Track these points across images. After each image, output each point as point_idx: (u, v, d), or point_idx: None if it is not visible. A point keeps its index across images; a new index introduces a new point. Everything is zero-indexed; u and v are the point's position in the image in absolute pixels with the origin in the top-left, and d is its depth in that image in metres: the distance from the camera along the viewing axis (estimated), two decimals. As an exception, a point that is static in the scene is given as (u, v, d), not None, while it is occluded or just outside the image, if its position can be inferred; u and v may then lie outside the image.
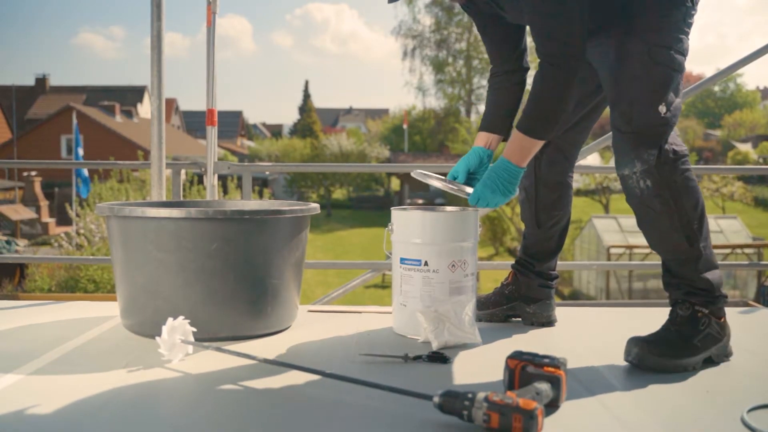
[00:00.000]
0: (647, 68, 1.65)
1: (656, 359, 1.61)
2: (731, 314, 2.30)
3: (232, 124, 47.76)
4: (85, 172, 14.56)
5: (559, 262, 2.13)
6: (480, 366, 1.64)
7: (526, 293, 2.06)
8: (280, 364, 1.53)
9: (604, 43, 1.73)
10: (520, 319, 2.09)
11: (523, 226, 2.10)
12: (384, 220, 1.99)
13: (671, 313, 1.72)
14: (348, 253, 19.69)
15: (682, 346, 1.63)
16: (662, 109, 1.64)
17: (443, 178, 1.87)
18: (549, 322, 2.05)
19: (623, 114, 1.67)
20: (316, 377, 1.48)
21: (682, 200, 1.66)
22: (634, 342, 1.65)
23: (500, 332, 1.97)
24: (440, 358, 1.66)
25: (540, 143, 1.70)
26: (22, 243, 15.99)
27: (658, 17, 1.66)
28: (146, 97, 36.14)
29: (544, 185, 2.00)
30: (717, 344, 1.67)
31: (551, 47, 1.63)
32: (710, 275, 1.69)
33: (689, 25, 1.69)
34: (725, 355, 1.71)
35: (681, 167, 1.67)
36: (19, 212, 18.90)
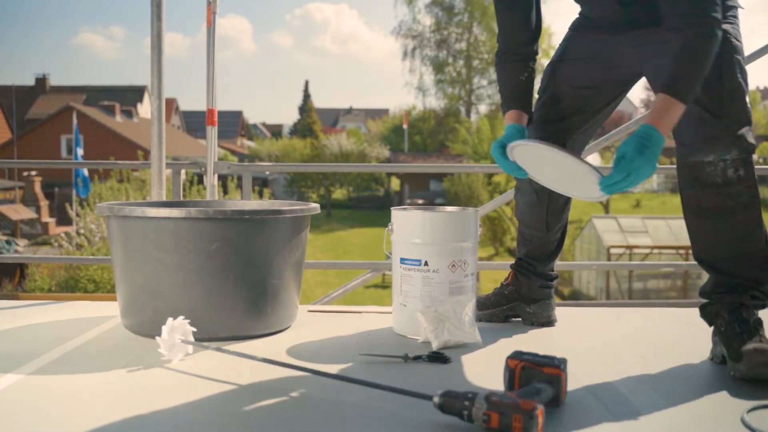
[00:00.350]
0: (741, 58, 1.61)
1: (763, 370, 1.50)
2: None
3: (232, 124, 47.76)
4: (85, 171, 14.56)
5: (558, 262, 2.13)
6: (480, 366, 1.64)
7: (526, 293, 2.06)
8: (280, 364, 1.53)
9: (667, 38, 1.58)
10: (519, 319, 2.09)
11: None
12: (384, 220, 1.99)
13: (753, 321, 1.60)
14: (348, 253, 19.69)
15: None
16: (747, 98, 1.60)
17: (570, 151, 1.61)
18: (549, 322, 2.05)
19: (720, 99, 1.58)
20: (316, 377, 1.48)
21: (758, 195, 1.61)
22: (756, 351, 1.51)
23: (500, 332, 1.97)
24: (440, 358, 1.66)
25: (682, 110, 1.53)
26: (22, 243, 15.99)
27: (727, 7, 1.61)
28: (146, 97, 36.14)
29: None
30: None
31: (699, 10, 1.49)
32: None
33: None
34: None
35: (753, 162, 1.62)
36: (19, 212, 18.91)
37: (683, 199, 1.70)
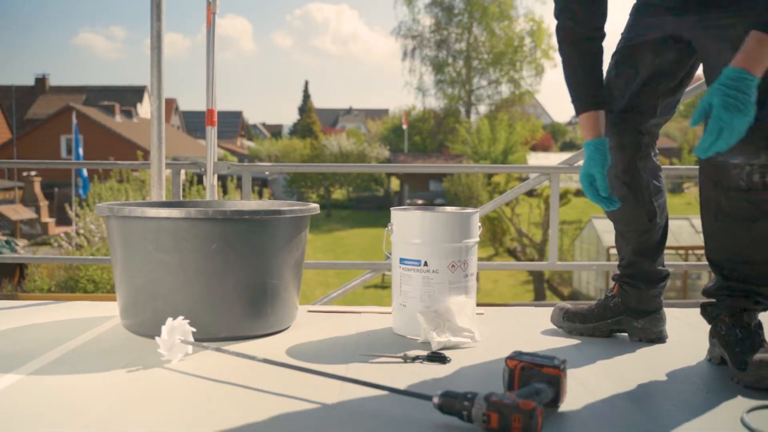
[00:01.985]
0: None
1: None
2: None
3: (232, 124, 47.76)
4: (84, 172, 14.56)
5: (558, 262, 2.10)
6: (479, 366, 1.64)
7: (635, 306, 1.88)
8: (280, 365, 1.53)
9: (735, 24, 1.51)
10: (626, 334, 1.93)
11: (524, 227, 2.05)
12: (384, 221, 1.99)
13: (754, 326, 1.60)
14: (348, 253, 19.69)
15: None
16: None
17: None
18: (660, 339, 1.87)
19: (763, 100, 1.42)
20: (315, 377, 1.48)
21: None
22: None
23: (500, 332, 1.97)
24: (440, 358, 1.66)
25: None
26: (21, 243, 15.99)
27: None
28: (146, 97, 36.16)
29: (646, 172, 1.80)
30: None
31: None
32: None
33: None
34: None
35: None
36: (18, 212, 18.91)
37: (702, 200, 1.65)
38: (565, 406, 1.36)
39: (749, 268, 1.61)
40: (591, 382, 1.52)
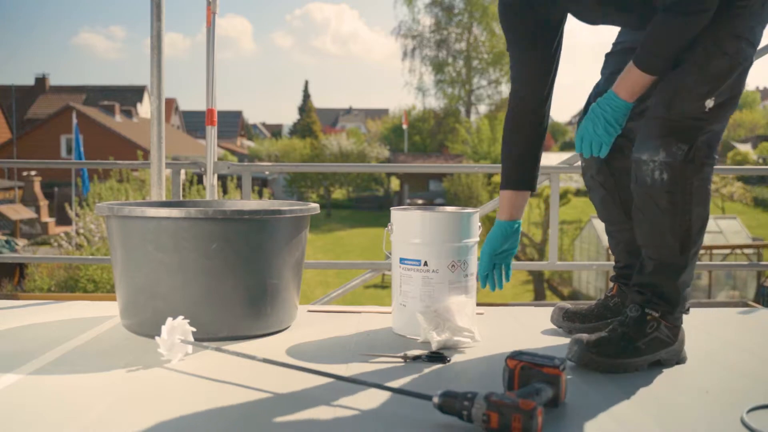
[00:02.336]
0: (709, 57, 1.52)
1: (595, 358, 1.58)
2: (731, 314, 2.31)
3: (232, 124, 47.75)
4: (87, 171, 14.57)
5: (558, 262, 2.11)
6: (479, 366, 1.64)
7: None
8: (280, 364, 1.53)
9: None
10: None
11: (524, 227, 2.07)
12: (384, 221, 1.99)
13: (622, 314, 1.67)
14: (348, 253, 19.69)
15: (624, 348, 1.59)
16: (709, 103, 1.53)
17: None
18: None
19: (664, 99, 1.56)
20: (315, 377, 1.48)
21: (691, 205, 1.58)
22: (575, 341, 1.62)
23: (500, 332, 1.97)
24: (440, 358, 1.66)
25: (651, 81, 1.59)
26: (21, 243, 15.98)
27: (735, 2, 1.51)
28: (146, 97, 36.15)
29: (622, 174, 1.83)
30: (666, 348, 1.63)
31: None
32: (685, 291, 1.65)
33: None
34: (678, 360, 1.66)
35: (705, 173, 1.58)
36: (18, 212, 18.91)
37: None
38: (564, 406, 1.36)
39: (651, 261, 1.65)
40: (591, 382, 1.52)
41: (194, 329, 1.69)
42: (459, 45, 38.36)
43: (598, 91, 1.87)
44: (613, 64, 1.86)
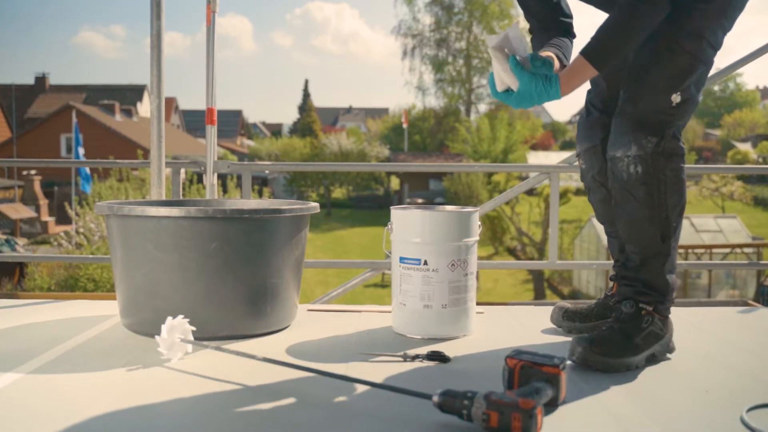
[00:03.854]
0: (672, 54, 1.59)
1: (600, 358, 1.59)
2: (731, 313, 2.31)
3: (232, 123, 47.74)
4: (87, 170, 14.56)
5: (558, 261, 2.11)
6: (479, 365, 1.64)
7: None
8: (280, 364, 1.53)
9: None
10: None
11: (524, 226, 2.07)
12: (384, 220, 1.99)
13: (616, 310, 1.70)
14: (348, 252, 19.71)
15: (625, 345, 1.61)
16: (675, 98, 1.60)
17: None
18: None
19: (632, 95, 1.63)
20: (315, 377, 1.48)
21: (666, 195, 1.63)
22: (578, 341, 1.62)
23: (500, 331, 1.97)
24: (440, 357, 1.66)
25: (591, 75, 1.59)
26: (21, 242, 15.99)
27: (697, 5, 1.58)
28: (146, 96, 36.15)
29: None
30: (660, 341, 1.66)
31: None
32: (670, 277, 1.68)
33: (732, 18, 1.63)
34: (667, 351, 1.70)
35: (675, 162, 1.64)
36: (18, 211, 18.92)
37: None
38: (564, 405, 1.36)
39: (636, 255, 1.68)
40: (591, 381, 1.52)
41: (194, 328, 1.69)
42: (459, 44, 38.38)
43: (599, 91, 1.88)
44: None
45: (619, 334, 1.63)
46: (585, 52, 1.58)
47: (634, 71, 1.65)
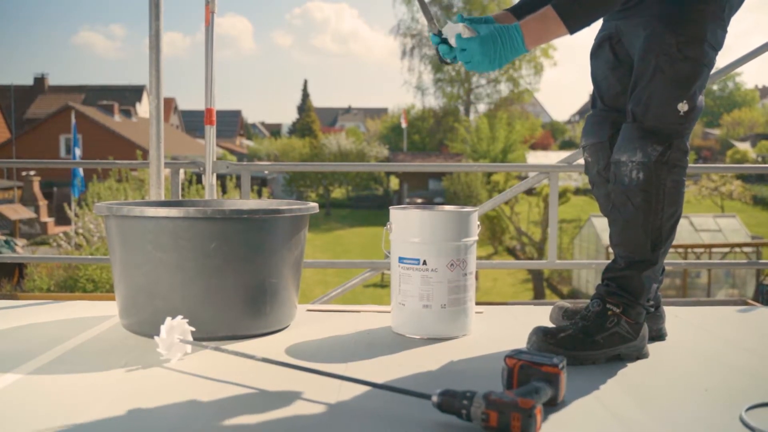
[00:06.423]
0: (674, 62, 1.58)
1: (552, 349, 1.60)
2: (730, 313, 2.31)
3: (231, 123, 47.75)
4: (81, 171, 14.54)
5: (557, 261, 2.11)
6: (478, 365, 1.64)
7: None
8: (279, 364, 1.53)
9: (638, 23, 1.65)
10: None
11: (524, 226, 2.07)
12: (383, 220, 1.99)
13: (585, 307, 1.71)
14: (347, 252, 19.70)
15: (582, 341, 1.62)
16: (681, 107, 1.60)
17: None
18: (659, 336, 1.88)
19: (640, 104, 1.63)
20: (314, 376, 1.48)
21: (664, 204, 1.63)
22: (535, 330, 1.64)
23: (499, 331, 1.97)
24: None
25: (560, 33, 1.50)
26: (20, 242, 15.98)
27: (695, 6, 1.58)
28: (145, 97, 36.12)
29: None
30: (626, 344, 1.66)
31: None
32: (648, 283, 1.68)
33: (730, 14, 1.63)
34: (639, 356, 1.69)
35: (677, 174, 1.64)
36: (17, 212, 18.91)
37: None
38: (563, 405, 1.36)
39: (623, 258, 1.69)
40: (590, 381, 1.52)
41: (193, 329, 1.69)
42: (458, 44, 38.29)
43: (601, 90, 1.87)
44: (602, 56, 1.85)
45: (580, 329, 1.64)
46: (555, 4, 1.49)
47: (639, 77, 1.63)
